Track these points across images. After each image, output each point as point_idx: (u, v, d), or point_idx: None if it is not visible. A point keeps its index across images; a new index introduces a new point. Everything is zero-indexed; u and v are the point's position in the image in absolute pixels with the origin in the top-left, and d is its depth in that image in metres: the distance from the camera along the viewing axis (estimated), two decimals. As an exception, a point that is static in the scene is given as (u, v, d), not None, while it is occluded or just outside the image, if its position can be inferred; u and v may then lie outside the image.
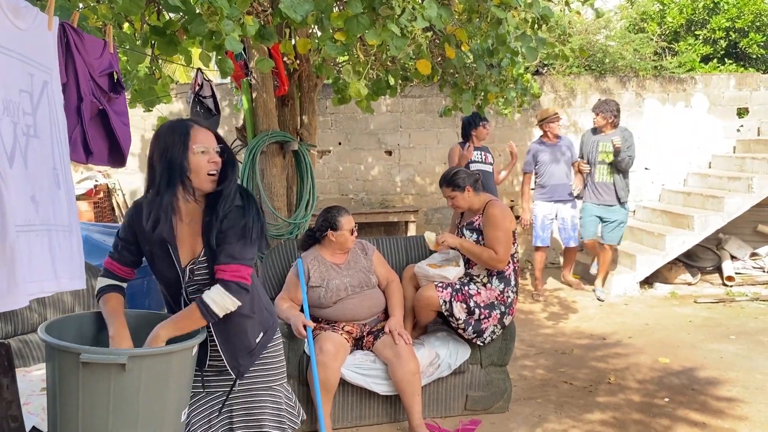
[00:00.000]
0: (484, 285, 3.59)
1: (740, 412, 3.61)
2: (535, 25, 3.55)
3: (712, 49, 8.26)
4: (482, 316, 3.48)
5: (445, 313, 3.49)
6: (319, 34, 3.11)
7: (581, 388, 4.01)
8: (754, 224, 7.00)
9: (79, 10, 2.63)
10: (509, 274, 3.60)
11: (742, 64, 8.31)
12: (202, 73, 3.85)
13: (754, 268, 6.73)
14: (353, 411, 3.47)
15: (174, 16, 3.22)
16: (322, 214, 3.55)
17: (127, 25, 3.61)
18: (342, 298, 3.46)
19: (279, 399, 2.34)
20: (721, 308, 5.80)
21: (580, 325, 5.38)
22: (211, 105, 3.99)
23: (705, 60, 8.25)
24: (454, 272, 3.56)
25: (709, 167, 7.65)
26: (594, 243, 6.22)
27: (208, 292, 2.04)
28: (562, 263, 6.77)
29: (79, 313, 2.42)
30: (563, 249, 6.58)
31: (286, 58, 4.14)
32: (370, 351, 3.46)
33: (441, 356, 3.48)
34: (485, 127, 5.66)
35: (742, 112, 7.77)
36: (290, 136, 4.26)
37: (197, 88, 3.83)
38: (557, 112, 6.22)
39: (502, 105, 5.36)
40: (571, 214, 6.19)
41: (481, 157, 5.64)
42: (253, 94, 4.15)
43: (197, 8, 2.67)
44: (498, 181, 5.94)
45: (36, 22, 1.85)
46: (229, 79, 5.67)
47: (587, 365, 4.42)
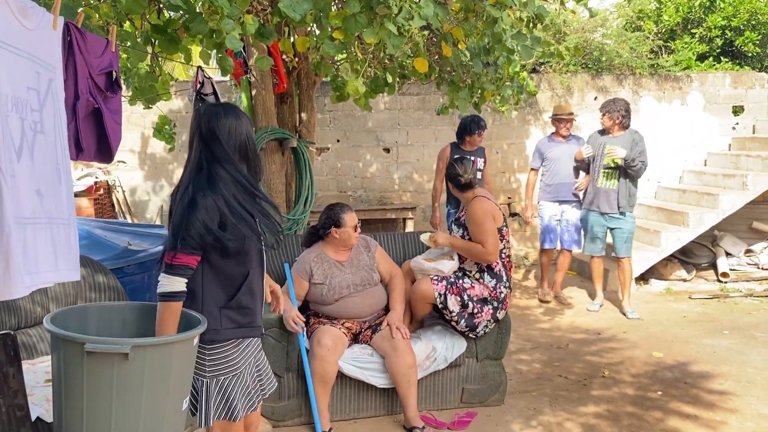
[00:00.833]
0: (477, 280, 3.64)
1: (731, 404, 3.67)
2: (530, 24, 3.60)
3: (708, 48, 8.31)
4: (475, 311, 3.54)
5: (440, 306, 3.55)
6: (318, 32, 3.15)
7: (576, 382, 4.07)
8: (749, 221, 7.05)
9: (81, 9, 2.67)
10: (499, 270, 3.64)
11: (737, 62, 8.37)
12: (202, 71, 3.89)
13: (748, 264, 6.78)
14: (351, 403, 3.53)
15: (174, 14, 3.26)
16: (325, 212, 3.55)
17: (128, 24, 3.65)
18: (344, 296, 3.50)
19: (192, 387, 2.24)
20: (716, 304, 5.85)
21: (575, 320, 5.43)
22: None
23: (701, 58, 8.30)
24: (449, 266, 3.62)
25: (705, 165, 7.71)
26: (600, 261, 5.72)
27: None
28: (557, 268, 6.12)
29: (82, 305, 2.47)
30: (559, 253, 6.05)
31: (285, 56, 4.18)
32: (368, 344, 3.51)
33: (437, 350, 3.54)
34: (480, 135, 5.50)
35: (738, 110, 7.83)
36: (289, 134, 4.31)
37: (199, 86, 3.87)
38: (572, 112, 5.91)
39: (499, 103, 5.41)
40: (575, 216, 5.85)
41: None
42: (253, 92, 4.20)
43: (198, 7, 2.73)
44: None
45: (42, 21, 1.91)
46: (228, 77, 5.71)
47: (582, 359, 4.48)
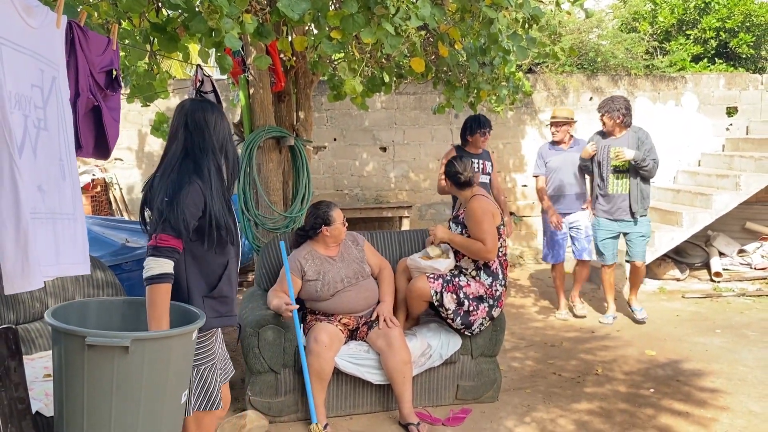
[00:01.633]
0: (474, 278, 3.68)
1: (723, 402, 3.72)
2: (526, 25, 3.64)
3: (703, 49, 8.38)
4: (471, 308, 3.58)
5: (436, 303, 3.59)
6: (316, 32, 3.17)
7: (569, 379, 4.11)
8: (742, 221, 7.11)
9: (81, 7, 2.70)
10: (495, 268, 3.68)
11: (731, 63, 8.43)
12: (202, 69, 3.91)
13: (741, 264, 6.84)
14: (347, 400, 3.56)
15: (174, 13, 3.29)
16: (311, 212, 3.60)
17: (127, 22, 3.67)
18: (339, 290, 3.53)
19: None
20: (709, 303, 5.91)
21: (569, 319, 5.48)
22: (213, 100, 4.06)
23: (695, 59, 8.36)
24: (445, 264, 3.66)
25: (699, 165, 7.77)
26: (612, 271, 5.42)
27: None
28: (574, 279, 5.67)
29: (81, 300, 2.51)
30: (576, 264, 5.64)
31: (283, 56, 4.20)
32: (364, 341, 3.55)
33: (433, 347, 3.57)
34: (483, 135, 5.02)
35: (732, 111, 7.89)
36: (286, 132, 4.34)
37: (198, 84, 3.90)
38: (568, 116, 5.43)
39: (494, 103, 5.45)
40: (585, 223, 5.42)
41: (479, 167, 5.03)
42: (251, 90, 4.22)
43: (197, 6, 2.75)
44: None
45: (46, 20, 1.94)
46: (226, 75, 5.73)
47: (576, 357, 4.52)
